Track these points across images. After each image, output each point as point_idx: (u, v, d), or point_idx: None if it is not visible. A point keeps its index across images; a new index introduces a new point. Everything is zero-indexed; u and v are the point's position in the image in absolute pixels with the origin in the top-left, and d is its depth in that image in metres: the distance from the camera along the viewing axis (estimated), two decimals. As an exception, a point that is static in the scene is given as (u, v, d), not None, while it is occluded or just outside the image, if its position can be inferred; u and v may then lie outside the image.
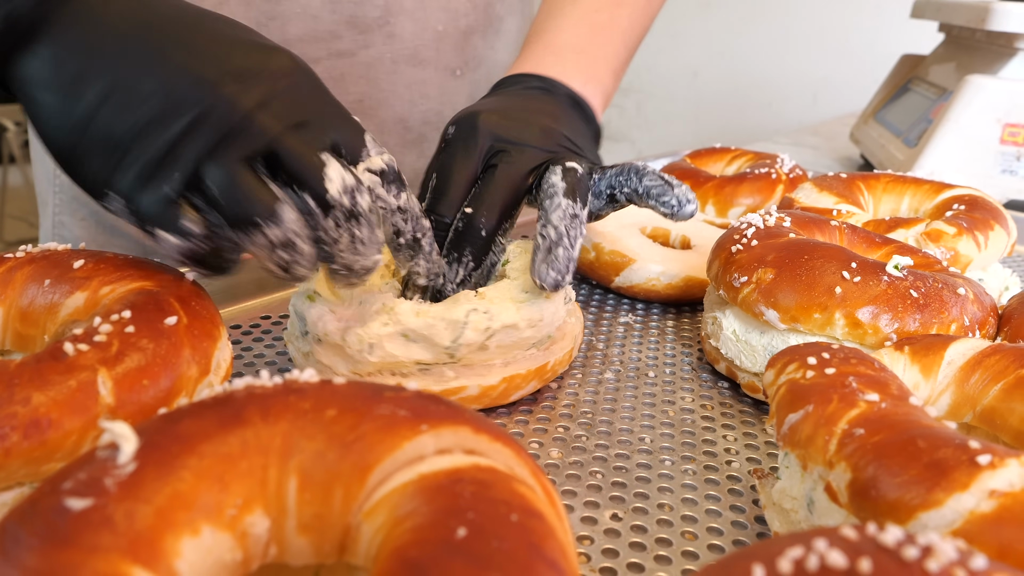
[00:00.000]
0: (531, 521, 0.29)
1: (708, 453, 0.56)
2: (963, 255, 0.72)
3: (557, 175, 0.61)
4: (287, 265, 0.48)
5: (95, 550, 0.26)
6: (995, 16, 1.14)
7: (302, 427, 0.32)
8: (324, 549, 0.33)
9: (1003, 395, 0.46)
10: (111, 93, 0.46)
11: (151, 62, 0.46)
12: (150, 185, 0.45)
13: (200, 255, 0.47)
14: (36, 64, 0.47)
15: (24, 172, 4.08)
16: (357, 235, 0.49)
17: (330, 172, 0.48)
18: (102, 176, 0.46)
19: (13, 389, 0.38)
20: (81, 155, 0.46)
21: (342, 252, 0.49)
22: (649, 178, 0.62)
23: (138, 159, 0.45)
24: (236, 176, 0.45)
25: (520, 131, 0.65)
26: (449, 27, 1.00)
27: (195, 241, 0.46)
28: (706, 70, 2.97)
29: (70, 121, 0.46)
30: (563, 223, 0.58)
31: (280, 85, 0.49)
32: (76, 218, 0.97)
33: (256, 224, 0.46)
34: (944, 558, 0.25)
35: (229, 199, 0.45)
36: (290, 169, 0.47)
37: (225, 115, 0.46)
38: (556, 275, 0.57)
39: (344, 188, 0.48)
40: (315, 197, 0.47)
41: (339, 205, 0.48)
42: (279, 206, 0.46)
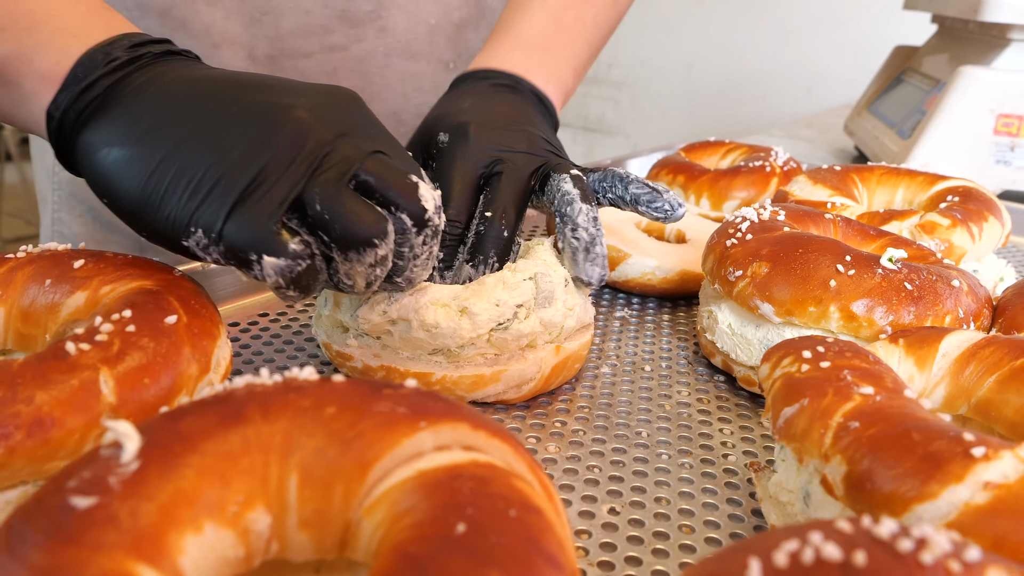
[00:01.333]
0: (529, 516, 0.29)
1: (705, 447, 0.57)
2: (957, 247, 0.72)
3: (568, 183, 0.62)
4: (375, 281, 0.50)
5: (100, 547, 0.27)
6: (988, 7, 1.14)
7: (302, 424, 0.33)
8: (325, 545, 0.33)
9: (998, 387, 0.47)
10: (186, 136, 0.47)
11: (224, 105, 0.49)
12: (247, 213, 0.46)
13: (300, 276, 0.48)
14: (105, 127, 0.49)
15: (21, 170, 4.07)
16: (434, 251, 0.53)
17: (424, 193, 0.50)
18: (185, 213, 0.46)
19: (16, 388, 0.38)
20: (158, 198, 0.47)
21: (415, 268, 0.52)
22: (635, 185, 0.64)
23: (227, 190, 0.46)
24: (346, 197, 0.47)
25: (510, 139, 0.66)
26: (441, 20, 1.01)
27: (301, 264, 0.47)
28: (700, 64, 2.97)
29: (143, 167, 0.47)
30: (591, 226, 0.60)
31: (350, 117, 0.51)
32: (74, 215, 0.97)
33: (371, 243, 0.48)
34: (938, 550, 0.26)
35: (343, 220, 0.47)
36: (384, 190, 0.49)
37: (313, 141, 0.48)
38: (601, 271, 0.61)
39: (436, 208, 0.51)
40: (412, 216, 0.49)
41: (433, 224, 0.51)
42: (387, 223, 0.48)
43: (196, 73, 0.52)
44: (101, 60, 0.50)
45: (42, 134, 0.52)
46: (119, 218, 0.50)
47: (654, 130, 3.11)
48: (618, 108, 3.23)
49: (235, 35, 0.87)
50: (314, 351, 0.68)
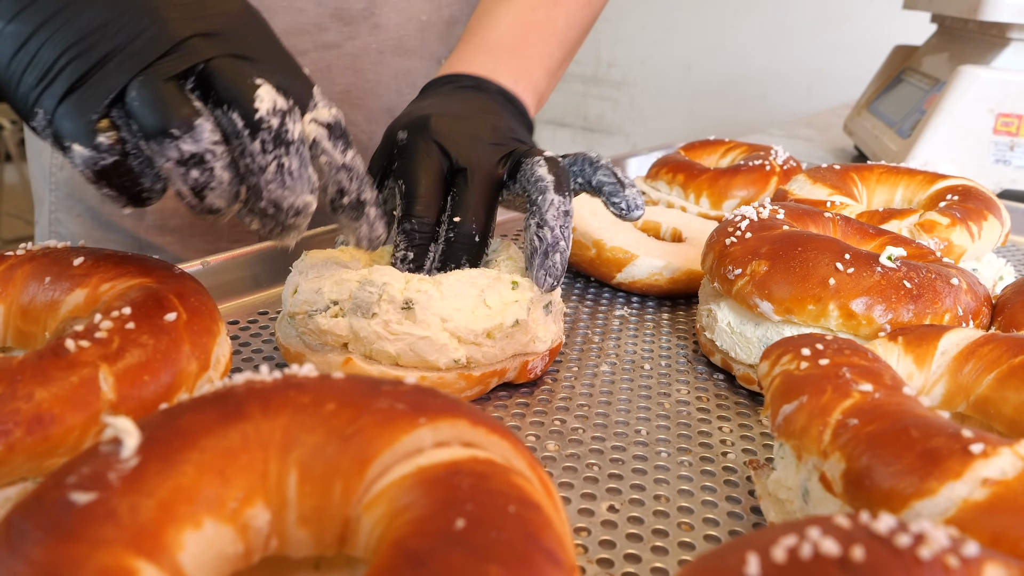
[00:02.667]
0: (528, 512, 0.29)
1: (704, 445, 0.57)
2: (957, 245, 0.72)
3: (543, 167, 0.61)
4: (200, 187, 0.46)
5: (99, 543, 0.27)
6: (987, 6, 1.14)
7: (302, 421, 0.33)
8: (324, 541, 0.33)
9: (996, 384, 0.47)
10: (56, 15, 0.45)
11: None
12: (74, 102, 0.45)
13: (111, 171, 0.46)
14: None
15: (20, 170, 4.07)
16: (285, 164, 0.47)
17: (261, 92, 0.46)
18: (33, 95, 0.45)
19: (16, 385, 0.38)
20: (18, 76, 0.46)
21: (269, 184, 0.47)
22: (603, 172, 0.63)
23: (69, 77, 0.44)
24: (156, 88, 0.44)
25: (472, 128, 0.65)
26: (433, 17, 1.01)
27: (106, 153, 0.45)
28: (700, 63, 2.97)
29: (14, 43, 0.46)
30: (558, 222, 0.59)
31: (229, 23, 0.48)
32: (72, 215, 0.97)
33: (169, 134, 0.44)
34: (936, 545, 0.26)
35: (145, 109, 0.44)
36: (220, 87, 0.46)
37: (160, 37, 0.45)
38: (553, 280, 0.59)
39: (275, 109, 0.46)
40: (244, 116, 0.46)
41: (268, 126, 0.46)
42: (197, 120, 0.45)
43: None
44: None
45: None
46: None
47: (654, 129, 3.12)
48: (618, 108, 3.23)
49: None
50: (314, 349, 0.68)
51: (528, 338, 0.59)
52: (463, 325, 0.56)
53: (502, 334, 0.57)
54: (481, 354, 0.57)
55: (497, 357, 0.58)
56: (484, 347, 0.57)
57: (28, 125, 0.47)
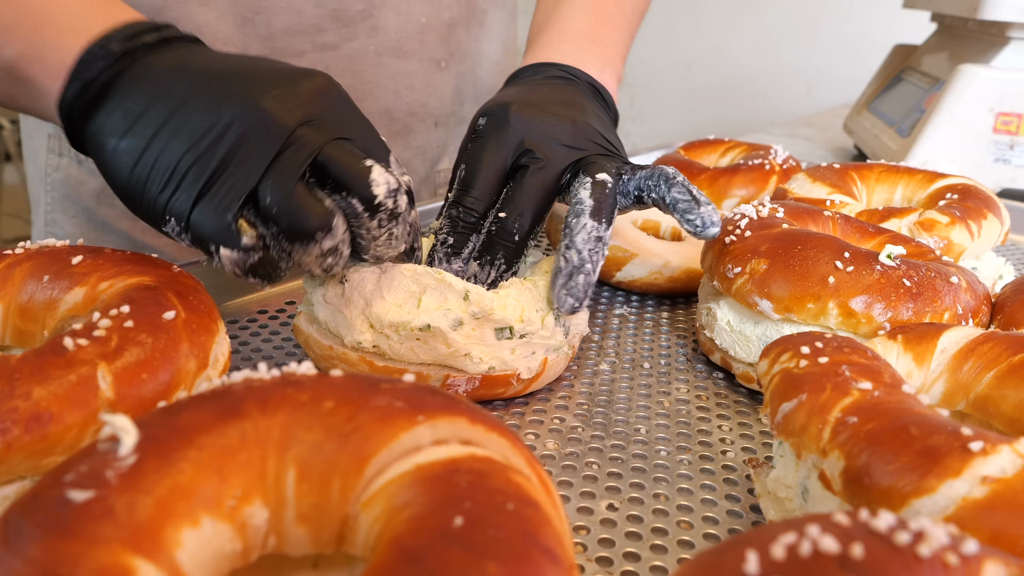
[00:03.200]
0: (527, 510, 0.29)
1: (703, 443, 0.57)
2: (956, 244, 0.72)
3: (587, 190, 0.60)
4: (330, 268, 0.53)
5: (97, 541, 0.27)
6: (987, 5, 1.14)
7: (300, 419, 0.33)
8: (322, 539, 0.33)
9: (996, 382, 0.47)
10: (165, 125, 0.49)
11: (199, 93, 0.50)
12: (208, 206, 0.48)
13: (257, 266, 0.50)
14: (104, 117, 0.51)
15: (20, 170, 4.07)
16: (395, 233, 0.54)
17: (375, 176, 0.51)
18: (161, 202, 0.49)
19: (14, 384, 0.38)
20: (141, 187, 0.49)
21: (378, 248, 0.54)
22: (677, 189, 0.61)
23: (195, 182, 0.48)
24: (294, 193, 0.49)
25: (551, 126, 0.64)
26: (432, 19, 1.01)
27: (251, 251, 0.49)
28: (700, 63, 2.97)
29: (132, 158, 0.50)
30: (586, 247, 0.59)
31: (320, 104, 0.52)
32: (68, 216, 0.97)
33: (314, 238, 0.50)
34: (936, 543, 0.26)
35: (289, 215, 0.48)
36: (337, 176, 0.50)
37: (273, 132, 0.49)
38: (574, 302, 0.59)
39: (389, 191, 0.51)
40: (363, 201, 0.51)
41: (385, 208, 0.52)
42: (333, 218, 0.50)
43: (185, 61, 0.53)
44: (100, 54, 0.52)
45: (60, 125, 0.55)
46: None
47: (653, 129, 3.11)
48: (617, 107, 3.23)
49: (227, 35, 0.87)
50: (313, 348, 0.67)
51: (449, 351, 0.57)
52: (376, 312, 0.57)
53: (406, 333, 0.56)
54: (388, 346, 0.58)
55: (408, 357, 0.58)
56: (391, 340, 0.57)
57: (160, 230, 0.51)
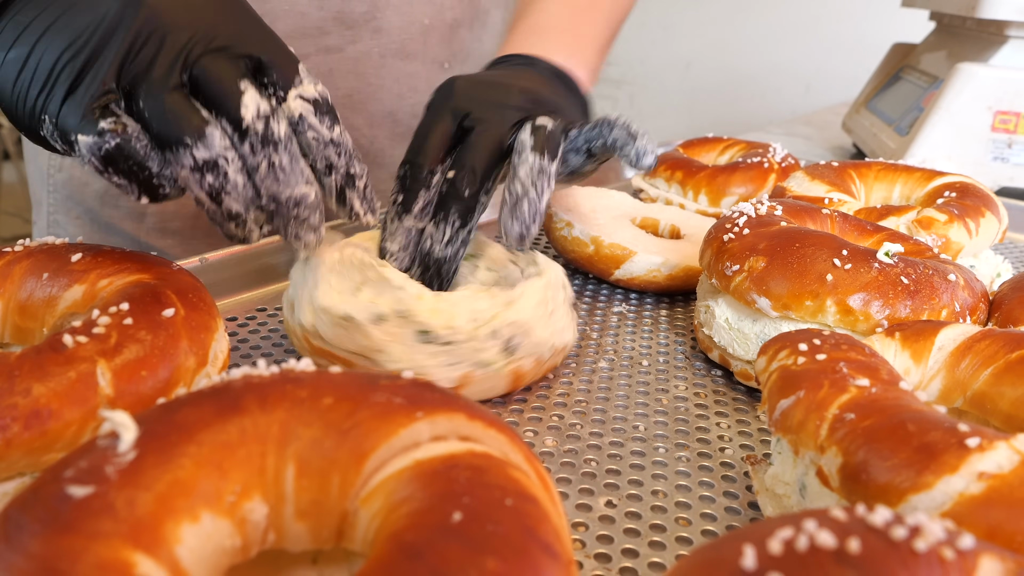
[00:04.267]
0: (525, 505, 0.29)
1: (702, 440, 0.57)
2: (954, 242, 0.72)
3: (527, 132, 0.62)
4: (216, 191, 0.49)
5: (97, 536, 0.27)
6: (985, 4, 1.14)
7: (299, 415, 0.33)
8: (322, 535, 0.33)
9: (993, 380, 0.47)
10: (48, 28, 0.47)
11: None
12: (73, 98, 0.46)
13: (115, 155, 0.47)
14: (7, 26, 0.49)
15: (19, 168, 4.07)
16: (275, 162, 0.50)
17: (247, 100, 0.48)
18: (39, 106, 0.47)
19: (13, 380, 0.39)
20: (24, 95, 0.48)
21: (264, 180, 0.50)
22: (618, 129, 0.64)
23: (67, 79, 0.46)
24: (167, 97, 0.47)
25: (498, 93, 0.66)
26: (435, 20, 1.01)
27: (108, 136, 0.46)
28: (699, 61, 2.97)
29: (16, 67, 0.48)
30: (529, 177, 0.60)
31: (219, 7, 0.50)
32: (71, 216, 0.97)
33: (184, 143, 0.47)
34: (932, 538, 0.26)
35: (159, 119, 0.47)
36: (209, 94, 0.48)
37: (146, 34, 0.47)
38: (520, 227, 0.60)
39: (259, 114, 0.49)
40: (232, 122, 0.49)
41: (254, 131, 0.49)
42: (207, 126, 0.47)
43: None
44: None
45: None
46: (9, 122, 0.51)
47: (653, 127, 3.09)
48: (617, 106, 3.24)
49: None
50: (312, 346, 0.68)
51: (367, 344, 0.57)
52: (315, 294, 0.57)
53: (330, 319, 0.57)
54: (321, 329, 0.58)
55: (337, 343, 0.58)
56: (323, 324, 0.58)
57: (37, 138, 0.49)
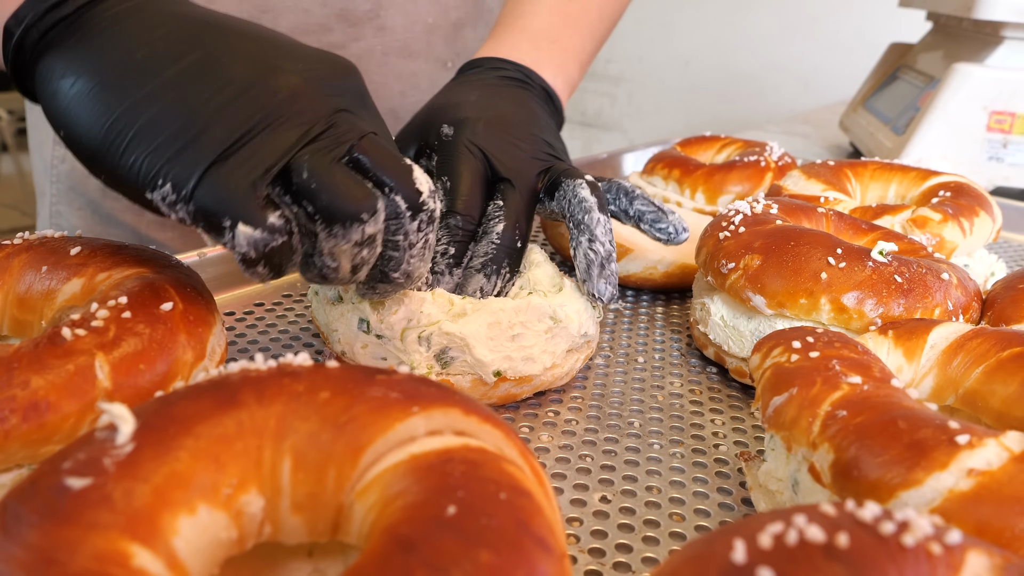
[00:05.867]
0: (520, 499, 0.30)
1: (696, 437, 0.57)
2: (948, 241, 0.72)
3: (586, 190, 0.61)
4: (361, 265, 0.47)
5: (94, 527, 0.27)
6: (981, 5, 1.14)
7: (296, 409, 0.33)
8: (318, 528, 0.33)
9: (984, 377, 0.47)
10: (172, 79, 0.43)
11: (214, 52, 0.44)
12: (228, 172, 0.42)
13: (274, 252, 0.43)
14: (72, 53, 0.44)
15: (17, 160, 4.07)
16: (430, 241, 0.49)
17: (419, 176, 0.47)
18: (155, 163, 0.42)
19: (12, 373, 0.39)
20: (124, 142, 0.42)
21: (412, 258, 0.49)
22: (640, 202, 0.63)
23: (209, 146, 0.42)
24: (336, 169, 0.44)
25: (514, 138, 0.65)
26: (439, 19, 1.01)
27: (277, 234, 0.43)
28: (697, 59, 2.97)
29: (115, 106, 0.43)
30: (607, 238, 0.60)
31: (353, 92, 0.49)
32: (73, 208, 0.97)
33: (360, 219, 0.44)
34: (920, 533, 0.26)
35: (331, 191, 0.43)
36: (380, 170, 0.46)
37: (309, 114, 0.45)
38: (613, 289, 0.60)
39: (431, 192, 0.48)
40: (407, 198, 0.47)
41: (428, 208, 0.48)
42: (378, 200, 0.45)
43: (185, 9, 0.47)
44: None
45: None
46: (76, 157, 0.45)
47: (651, 125, 3.12)
48: (615, 103, 3.24)
49: None
50: (309, 340, 0.68)
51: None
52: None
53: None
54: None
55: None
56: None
57: (141, 196, 0.43)
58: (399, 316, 0.55)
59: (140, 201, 0.44)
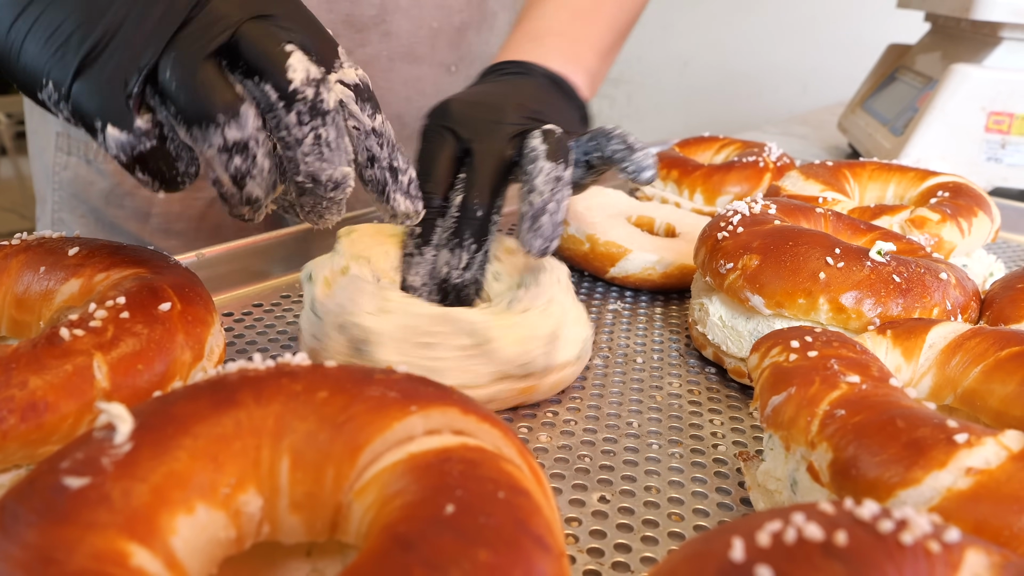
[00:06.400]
0: (518, 498, 0.30)
1: (695, 437, 0.57)
2: (947, 241, 0.72)
3: (537, 139, 0.61)
4: (242, 175, 0.44)
5: (92, 526, 0.27)
6: (979, 5, 1.15)
7: (294, 408, 0.33)
8: (316, 527, 0.33)
9: (983, 377, 0.47)
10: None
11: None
12: (97, 74, 0.41)
13: (147, 157, 0.43)
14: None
15: (16, 164, 4.06)
16: (322, 136, 0.45)
17: (293, 62, 0.44)
18: (40, 62, 0.42)
19: (10, 373, 0.39)
20: (19, 43, 0.42)
21: (306, 157, 0.45)
22: (616, 141, 0.63)
23: (82, 42, 0.41)
24: (197, 69, 0.42)
25: (492, 112, 0.65)
26: (444, 24, 1.01)
27: (144, 137, 0.42)
28: (696, 60, 2.98)
29: (12, 11, 0.43)
30: (547, 187, 0.58)
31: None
32: (75, 215, 0.97)
33: (215, 121, 0.42)
34: (918, 531, 0.26)
35: (188, 93, 0.42)
36: (250, 58, 0.43)
37: (182, 2, 0.43)
38: (542, 242, 0.58)
39: (308, 79, 0.44)
40: (277, 88, 0.43)
41: (303, 97, 0.44)
42: (242, 106, 0.43)
43: None
44: None
45: None
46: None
47: (650, 126, 3.12)
48: (614, 105, 3.24)
49: None
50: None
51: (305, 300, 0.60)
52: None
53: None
54: None
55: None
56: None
57: (34, 99, 0.43)
58: (336, 301, 0.56)
59: (41, 104, 0.44)
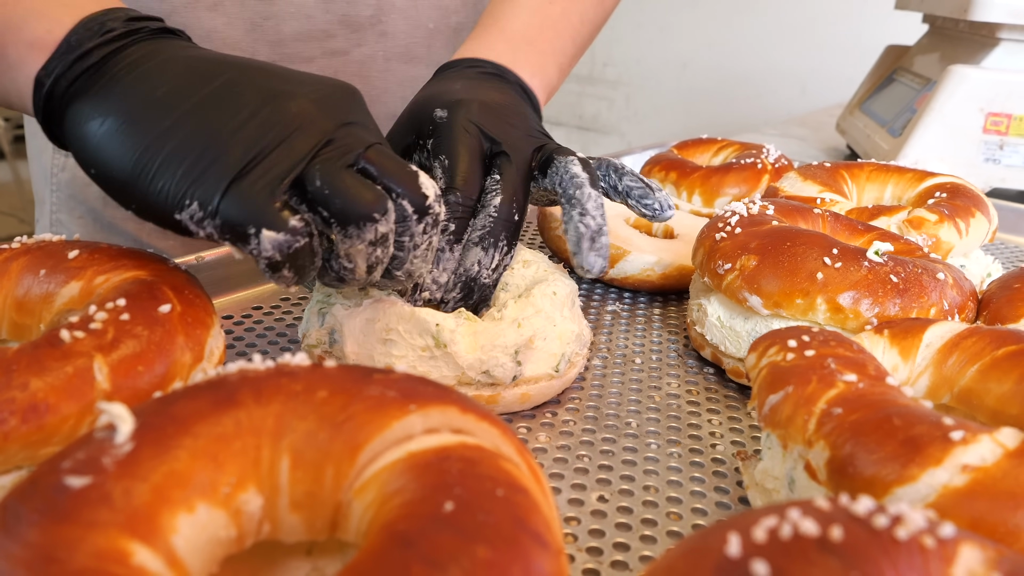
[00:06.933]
0: (516, 496, 0.30)
1: (693, 437, 0.57)
2: (944, 242, 0.73)
3: (577, 166, 0.61)
4: (376, 264, 0.50)
5: (94, 525, 0.27)
6: (977, 7, 1.15)
7: (294, 408, 0.33)
8: (316, 526, 0.33)
9: (979, 376, 0.47)
10: (190, 112, 0.47)
11: (226, 86, 0.48)
12: (247, 187, 0.45)
13: (298, 253, 0.47)
14: (99, 97, 0.48)
15: (14, 168, 4.06)
16: (433, 243, 0.53)
17: (424, 181, 0.50)
18: (182, 185, 0.45)
19: (11, 375, 0.39)
20: (152, 171, 0.46)
21: (416, 258, 0.52)
22: (629, 178, 0.64)
23: (228, 166, 0.46)
24: (346, 175, 0.47)
25: (507, 116, 0.66)
26: (440, 24, 1.01)
27: (300, 240, 0.46)
28: (695, 62, 2.98)
29: (141, 141, 0.46)
30: (598, 212, 0.60)
31: (353, 110, 0.52)
32: (73, 216, 0.97)
33: (371, 218, 0.47)
34: (913, 526, 0.26)
35: (343, 195, 0.47)
36: (386, 176, 0.49)
37: (315, 129, 0.48)
38: (603, 262, 0.60)
39: (437, 196, 0.51)
40: (413, 203, 0.50)
41: (432, 212, 0.51)
42: (387, 200, 0.48)
43: (195, 52, 0.51)
44: (96, 30, 0.50)
45: (25, 105, 0.52)
46: (105, 191, 0.49)
47: (648, 128, 3.12)
48: (613, 107, 3.24)
49: (236, 40, 0.88)
50: (307, 344, 0.68)
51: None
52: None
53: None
54: None
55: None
56: None
57: (170, 219, 0.47)
58: (319, 296, 0.58)
59: (169, 224, 0.47)
